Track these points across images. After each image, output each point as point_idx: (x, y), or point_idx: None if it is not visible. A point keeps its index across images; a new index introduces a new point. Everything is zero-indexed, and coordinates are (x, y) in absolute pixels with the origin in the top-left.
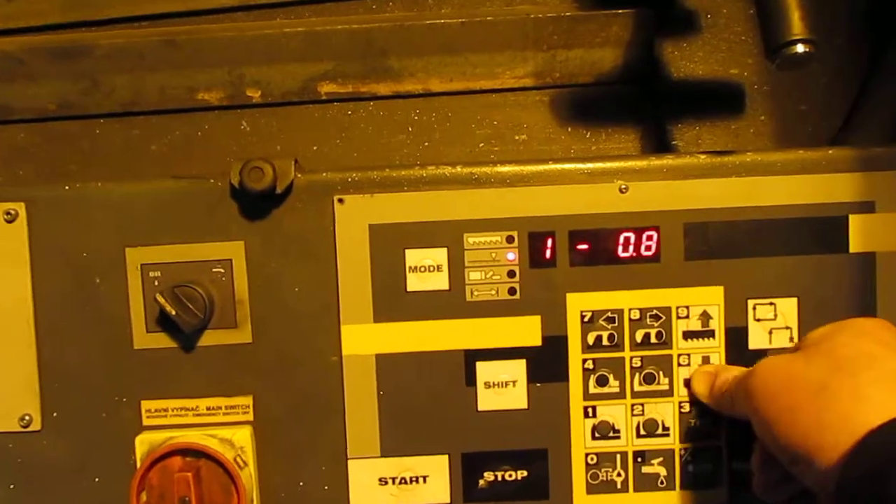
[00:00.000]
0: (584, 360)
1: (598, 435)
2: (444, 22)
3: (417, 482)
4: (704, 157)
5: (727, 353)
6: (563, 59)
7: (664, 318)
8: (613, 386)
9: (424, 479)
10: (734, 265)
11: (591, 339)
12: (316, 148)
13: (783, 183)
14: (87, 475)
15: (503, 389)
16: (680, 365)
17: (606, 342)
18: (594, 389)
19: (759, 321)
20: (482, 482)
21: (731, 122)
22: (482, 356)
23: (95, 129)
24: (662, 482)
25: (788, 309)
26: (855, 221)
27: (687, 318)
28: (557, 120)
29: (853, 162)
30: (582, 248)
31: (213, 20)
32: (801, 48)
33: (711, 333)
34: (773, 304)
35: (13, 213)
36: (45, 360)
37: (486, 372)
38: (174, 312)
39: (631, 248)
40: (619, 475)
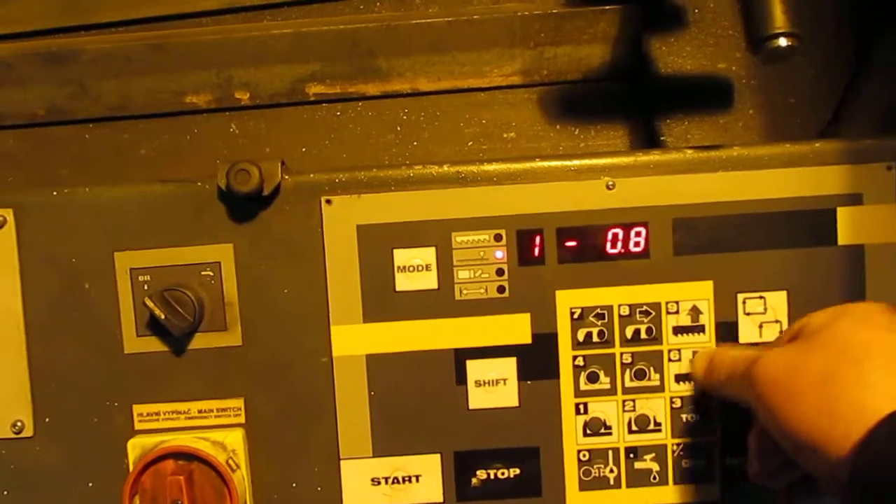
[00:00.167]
0: (574, 356)
1: (589, 431)
2: (431, 21)
3: (410, 482)
4: (691, 152)
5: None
6: (550, 56)
7: (654, 313)
8: (604, 382)
9: (417, 478)
10: (723, 259)
11: (581, 335)
12: (305, 149)
13: (771, 177)
14: (79, 480)
15: (494, 388)
16: (671, 360)
17: (596, 339)
18: (585, 386)
19: (748, 315)
20: (475, 481)
21: (719, 116)
22: (472, 355)
23: (84, 133)
24: (655, 478)
25: (778, 302)
26: (843, 214)
27: (677, 313)
28: (546, 117)
29: (841, 154)
30: (570, 245)
31: (200, 23)
32: (783, 42)
33: (701, 328)
34: (762, 297)
35: (2, 219)
36: (35, 365)
37: (476, 370)
38: (164, 316)
39: (619, 244)
40: (611, 471)
